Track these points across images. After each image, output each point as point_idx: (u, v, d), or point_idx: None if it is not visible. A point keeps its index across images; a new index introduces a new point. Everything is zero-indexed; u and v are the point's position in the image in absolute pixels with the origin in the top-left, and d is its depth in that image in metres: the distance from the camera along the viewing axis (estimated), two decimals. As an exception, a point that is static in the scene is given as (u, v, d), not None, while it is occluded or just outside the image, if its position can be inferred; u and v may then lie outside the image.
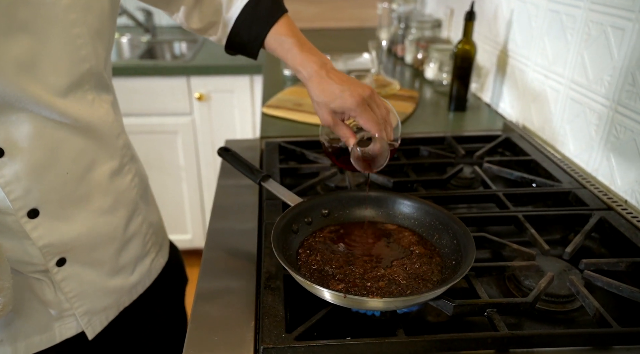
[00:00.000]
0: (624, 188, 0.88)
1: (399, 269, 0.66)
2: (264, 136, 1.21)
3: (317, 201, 0.77)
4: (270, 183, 0.79)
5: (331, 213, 0.77)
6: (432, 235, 0.74)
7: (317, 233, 0.75)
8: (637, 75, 0.84)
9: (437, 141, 1.15)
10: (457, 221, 0.71)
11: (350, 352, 0.57)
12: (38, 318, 0.69)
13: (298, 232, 0.73)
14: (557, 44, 1.08)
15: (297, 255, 0.70)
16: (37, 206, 0.63)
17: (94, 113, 0.67)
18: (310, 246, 0.71)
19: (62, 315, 0.71)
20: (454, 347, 0.58)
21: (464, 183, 0.99)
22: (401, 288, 0.63)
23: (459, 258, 0.67)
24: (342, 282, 0.63)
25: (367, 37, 1.95)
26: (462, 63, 1.34)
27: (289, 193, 0.77)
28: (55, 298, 0.70)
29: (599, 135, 0.95)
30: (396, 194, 0.79)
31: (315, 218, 0.76)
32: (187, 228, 2.26)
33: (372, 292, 0.62)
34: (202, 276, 0.71)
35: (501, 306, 0.62)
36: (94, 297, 0.73)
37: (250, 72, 1.99)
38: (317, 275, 0.65)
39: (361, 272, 0.65)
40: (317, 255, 0.69)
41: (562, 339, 0.59)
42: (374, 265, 0.67)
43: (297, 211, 0.73)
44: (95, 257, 0.72)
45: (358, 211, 0.79)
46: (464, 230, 0.69)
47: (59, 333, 0.72)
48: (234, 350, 0.58)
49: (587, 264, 0.70)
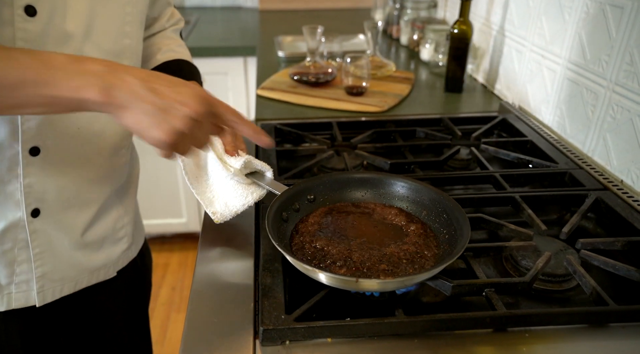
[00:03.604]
0: (620, 168, 0.89)
1: (396, 248, 0.66)
2: (259, 118, 1.20)
3: (301, 187, 0.75)
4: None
5: (317, 198, 0.76)
6: (420, 211, 0.74)
7: (307, 219, 0.73)
8: (635, 55, 0.84)
9: (434, 122, 1.15)
10: (444, 196, 0.71)
11: (350, 332, 0.57)
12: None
13: (288, 220, 0.72)
14: (554, 23, 1.07)
15: (291, 243, 0.69)
16: (40, 146, 0.66)
17: None
18: (302, 233, 0.70)
19: (17, 280, 0.71)
20: (453, 326, 0.58)
21: (461, 164, 0.99)
22: (402, 266, 0.63)
23: (451, 231, 0.67)
24: (344, 267, 0.63)
25: (362, 18, 1.92)
26: (458, 44, 1.32)
27: (276, 183, 0.76)
28: (16, 256, 0.70)
29: (595, 115, 0.94)
30: (380, 174, 0.79)
31: (302, 204, 0.75)
32: (182, 212, 2.26)
33: (376, 274, 0.61)
34: (200, 259, 0.71)
35: (499, 285, 0.63)
36: (56, 261, 0.74)
37: (244, 53, 1.96)
38: (315, 261, 0.65)
39: (361, 255, 0.65)
40: (313, 241, 0.68)
41: (559, 317, 0.59)
42: (371, 247, 0.66)
43: (284, 199, 0.72)
44: (66, 220, 0.73)
45: (343, 194, 0.78)
46: (452, 204, 0.69)
47: (7, 300, 0.72)
48: (234, 331, 0.58)
49: (583, 243, 0.71)
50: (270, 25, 2.19)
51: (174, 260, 2.32)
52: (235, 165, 0.71)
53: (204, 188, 0.77)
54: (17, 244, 0.70)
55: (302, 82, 1.38)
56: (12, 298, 0.72)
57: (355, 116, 1.21)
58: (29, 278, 0.72)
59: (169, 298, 2.11)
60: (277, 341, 0.56)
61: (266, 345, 0.56)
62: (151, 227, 2.28)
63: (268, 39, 1.93)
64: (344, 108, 1.26)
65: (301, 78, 1.38)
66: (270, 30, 2.05)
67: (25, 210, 0.69)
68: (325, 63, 1.44)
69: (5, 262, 0.70)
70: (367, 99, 1.29)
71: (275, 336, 0.56)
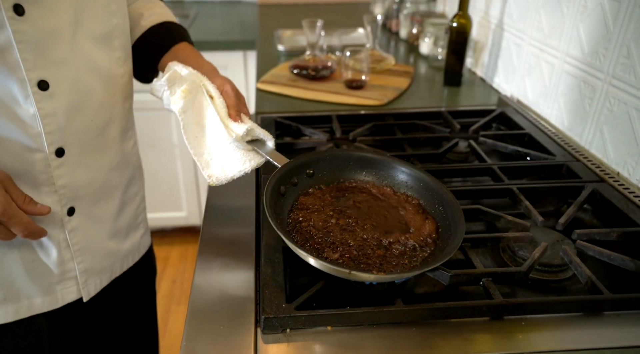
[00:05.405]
0: (616, 160, 0.90)
1: (394, 235, 0.66)
2: (259, 111, 1.21)
3: (301, 161, 0.75)
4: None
5: (315, 173, 0.76)
6: (418, 198, 0.74)
7: (305, 195, 0.73)
8: (632, 48, 0.84)
9: (433, 116, 1.16)
10: (443, 188, 0.71)
11: (350, 321, 0.58)
12: (41, 279, 0.72)
13: (285, 194, 0.71)
14: (552, 17, 1.07)
15: (288, 220, 0.69)
16: (64, 146, 0.68)
17: (118, 71, 0.75)
18: (301, 208, 0.70)
19: (64, 277, 0.74)
20: (451, 315, 0.59)
21: (460, 157, 1.00)
22: (397, 256, 0.63)
23: (446, 226, 0.68)
24: (338, 252, 0.63)
25: (361, 12, 1.92)
26: (457, 37, 1.33)
27: (276, 154, 0.75)
28: (59, 257, 0.73)
29: (592, 108, 0.95)
30: (381, 155, 0.79)
31: (300, 179, 0.74)
32: (182, 205, 2.26)
33: (372, 261, 0.62)
34: (201, 250, 0.72)
35: (496, 275, 0.64)
36: (94, 254, 0.77)
37: (244, 47, 1.96)
38: (311, 242, 0.65)
39: (359, 241, 0.64)
40: (311, 219, 0.68)
41: (555, 306, 0.60)
42: (369, 229, 0.66)
43: (283, 173, 0.71)
44: (98, 212, 0.77)
45: (343, 171, 0.78)
46: (450, 198, 0.69)
47: (60, 297, 0.75)
48: (236, 319, 0.59)
49: (579, 234, 0.72)
50: (269, 19, 2.19)
51: (174, 253, 2.33)
52: (238, 130, 0.70)
53: (202, 149, 0.75)
54: (60, 244, 0.72)
55: (302, 76, 1.39)
56: (58, 298, 0.75)
57: (355, 109, 1.22)
58: (72, 275, 0.75)
59: (170, 291, 2.13)
60: (278, 329, 0.58)
61: (267, 333, 0.58)
62: (151, 221, 2.27)
63: (267, 32, 1.93)
64: (343, 101, 1.26)
65: (301, 71, 1.39)
66: (270, 24, 2.05)
67: (62, 210, 0.71)
68: (325, 56, 1.44)
69: (52, 263, 0.72)
70: (366, 93, 1.29)
71: (276, 324, 0.57)
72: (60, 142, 0.68)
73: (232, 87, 0.75)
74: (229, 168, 0.73)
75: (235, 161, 0.73)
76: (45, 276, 0.72)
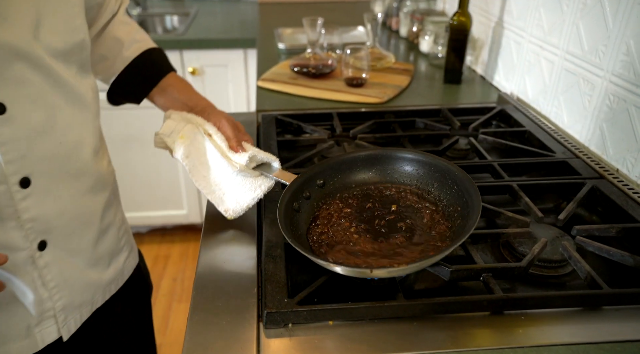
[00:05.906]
0: (615, 157, 0.90)
1: (415, 232, 0.67)
2: (260, 109, 1.21)
3: (309, 174, 0.75)
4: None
5: (326, 182, 0.76)
6: (431, 184, 0.75)
7: (320, 207, 0.74)
8: (631, 45, 0.85)
9: (433, 113, 1.16)
10: (454, 166, 0.71)
11: (351, 315, 0.59)
12: (18, 322, 0.67)
13: (300, 210, 0.71)
14: (552, 14, 1.08)
15: (308, 234, 0.69)
16: (29, 175, 0.62)
17: (81, 86, 0.69)
18: (318, 222, 0.71)
19: (42, 318, 0.69)
20: (451, 309, 0.60)
21: (460, 154, 1.00)
22: (419, 250, 0.64)
23: (464, 203, 0.68)
24: (357, 257, 0.64)
25: (361, 10, 1.93)
26: (457, 35, 1.33)
27: (284, 173, 0.76)
28: (36, 297, 0.67)
29: (592, 105, 0.96)
30: (386, 149, 0.79)
31: (312, 191, 0.75)
32: (182, 203, 2.27)
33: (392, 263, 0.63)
34: (203, 247, 0.72)
35: (496, 270, 0.64)
36: (72, 289, 0.72)
37: (244, 45, 1.97)
38: (331, 250, 0.66)
39: (376, 244, 0.66)
40: (329, 231, 0.68)
41: (554, 300, 0.61)
42: (389, 233, 0.68)
43: (294, 189, 0.71)
44: (74, 244, 0.71)
45: (352, 174, 0.78)
46: (462, 174, 0.69)
47: (40, 338, 0.70)
48: (238, 314, 0.59)
49: (579, 230, 0.72)
50: (270, 17, 2.20)
51: (174, 252, 2.34)
52: (240, 161, 0.72)
53: (212, 187, 0.76)
54: (34, 283, 0.66)
55: (303, 74, 1.39)
56: (38, 340, 0.70)
57: (355, 107, 1.23)
58: (51, 315, 0.70)
59: (170, 289, 2.13)
60: (280, 324, 0.58)
61: (270, 328, 0.58)
62: (152, 219, 2.29)
63: (268, 31, 1.93)
64: (344, 99, 1.27)
65: (301, 69, 1.39)
66: (270, 22, 2.06)
67: (31, 246, 0.65)
68: (325, 55, 1.45)
69: (29, 304, 0.67)
70: (366, 90, 1.30)
71: (278, 319, 0.58)
72: (25, 170, 0.61)
73: (228, 119, 0.75)
74: (242, 199, 0.74)
75: (246, 190, 0.74)
76: (23, 319, 0.67)
